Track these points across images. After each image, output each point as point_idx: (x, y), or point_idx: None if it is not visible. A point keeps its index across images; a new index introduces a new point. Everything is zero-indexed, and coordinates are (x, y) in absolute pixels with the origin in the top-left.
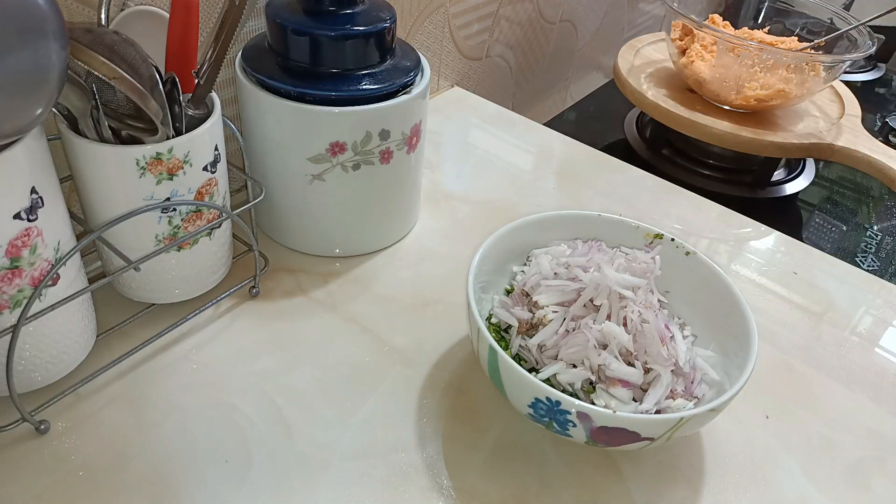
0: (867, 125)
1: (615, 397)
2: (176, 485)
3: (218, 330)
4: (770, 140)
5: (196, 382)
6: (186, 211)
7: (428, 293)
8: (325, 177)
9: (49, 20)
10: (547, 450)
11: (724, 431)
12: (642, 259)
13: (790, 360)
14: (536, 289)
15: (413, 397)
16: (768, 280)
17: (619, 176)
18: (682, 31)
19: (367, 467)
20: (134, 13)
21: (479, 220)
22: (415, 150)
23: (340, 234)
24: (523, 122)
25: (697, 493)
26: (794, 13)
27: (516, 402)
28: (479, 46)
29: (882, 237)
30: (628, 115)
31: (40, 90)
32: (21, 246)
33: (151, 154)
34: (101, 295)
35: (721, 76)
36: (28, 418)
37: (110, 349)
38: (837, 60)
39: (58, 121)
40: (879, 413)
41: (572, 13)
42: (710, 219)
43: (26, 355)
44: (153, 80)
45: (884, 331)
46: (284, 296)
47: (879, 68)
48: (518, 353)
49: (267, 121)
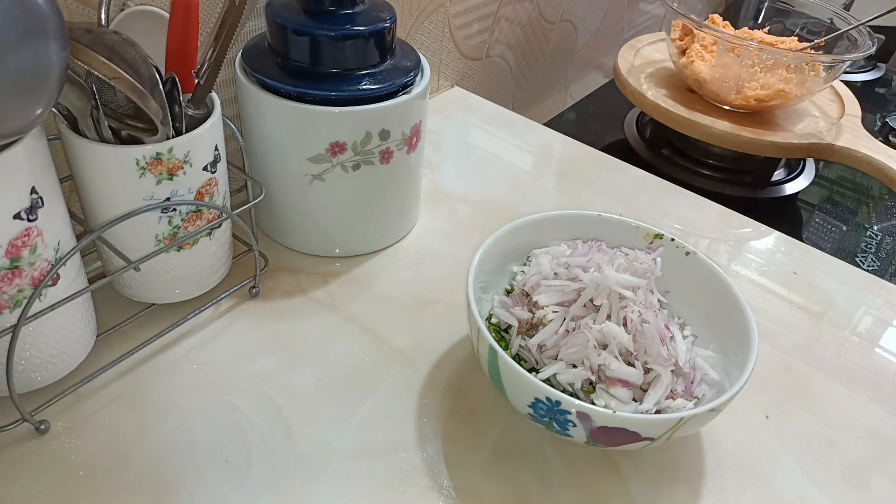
0: (867, 125)
1: (615, 397)
2: (176, 485)
3: (218, 330)
4: (770, 140)
5: (196, 382)
6: (186, 211)
7: (428, 293)
8: (325, 177)
9: (49, 20)
10: (547, 450)
11: (724, 431)
12: (643, 259)
13: (790, 360)
14: (536, 289)
15: (413, 397)
16: (768, 280)
17: (619, 176)
18: (682, 31)
19: (367, 467)
20: (134, 13)
21: (479, 220)
22: (415, 150)
23: (340, 234)
24: (523, 122)
25: (697, 493)
26: (794, 13)
27: (516, 402)
28: (479, 46)
29: (882, 237)
30: (628, 115)
31: (40, 90)
32: (21, 246)
33: (151, 154)
34: (101, 295)
35: (721, 76)
36: (28, 418)
37: (110, 349)
38: (837, 60)
39: (58, 121)
40: (879, 413)
41: (572, 13)
42: (710, 219)
43: (26, 355)
44: (153, 80)
45: (884, 331)
46: (284, 296)
47: (879, 68)
48: (518, 353)
49: (267, 121)
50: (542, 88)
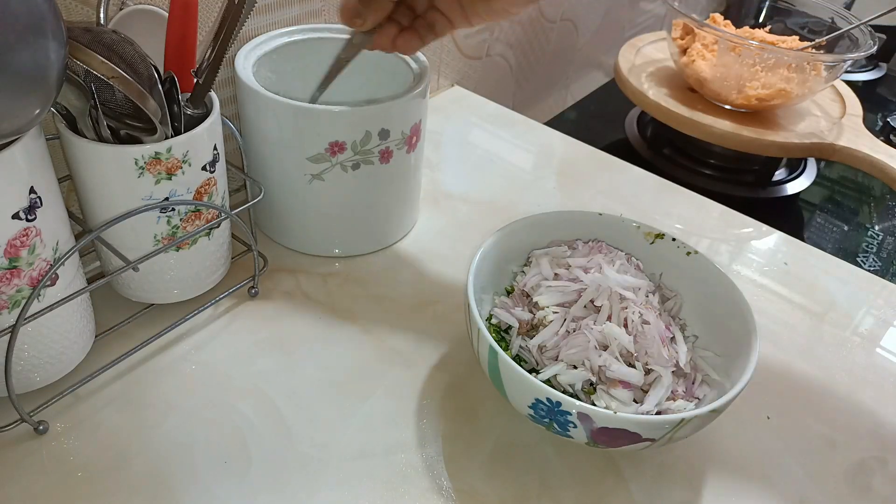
0: (868, 125)
1: (616, 398)
2: (175, 485)
3: (217, 330)
4: (771, 140)
5: (195, 383)
6: (185, 211)
7: (428, 293)
8: (325, 176)
9: (48, 19)
10: (547, 451)
11: (725, 432)
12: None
13: (791, 360)
14: (537, 289)
15: (413, 398)
16: (769, 280)
17: (620, 175)
18: (683, 31)
19: (367, 468)
20: (133, 12)
21: (479, 220)
22: (414, 149)
23: (340, 234)
24: (523, 122)
25: (698, 494)
26: (796, 12)
27: (517, 403)
28: (479, 45)
29: (883, 237)
30: (629, 115)
31: (39, 89)
32: (20, 246)
33: (150, 154)
34: (100, 295)
35: (722, 75)
36: (27, 419)
37: (109, 349)
38: (839, 60)
39: (56, 120)
40: (881, 414)
41: (573, 12)
42: (712, 218)
43: (25, 356)
44: (152, 80)
45: (885, 331)
46: (284, 296)
47: (881, 68)
48: (518, 353)
49: (266, 120)
50: (543, 88)
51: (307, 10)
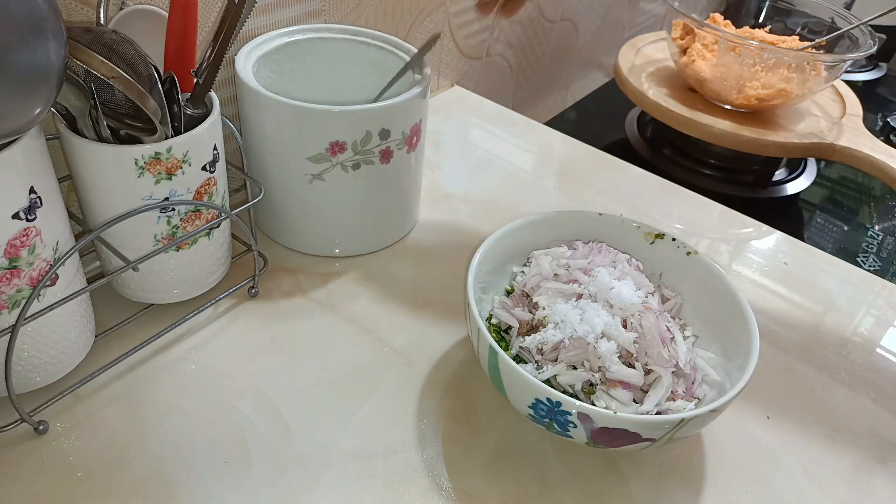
0: (868, 125)
1: (615, 399)
2: (175, 486)
3: (217, 330)
4: (771, 140)
5: (195, 383)
6: (185, 211)
7: (428, 293)
8: (325, 176)
9: (48, 19)
10: (547, 451)
11: (725, 432)
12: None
13: (791, 360)
14: (537, 290)
15: (413, 398)
16: (769, 280)
17: (620, 175)
18: (683, 30)
19: (367, 468)
20: (133, 12)
21: (479, 220)
22: (415, 149)
23: (340, 234)
24: (524, 122)
25: (698, 494)
26: (796, 12)
27: (517, 403)
28: (479, 45)
29: (883, 237)
30: (629, 115)
31: (39, 89)
32: (20, 246)
33: (150, 154)
34: (100, 295)
35: (722, 75)
36: (27, 419)
37: (109, 349)
38: (839, 60)
39: (56, 120)
40: (881, 414)
41: (573, 12)
42: (712, 218)
43: (25, 356)
44: (152, 80)
45: (885, 331)
46: (284, 296)
47: (881, 68)
48: (518, 353)
49: (266, 120)
50: (543, 87)
51: (307, 10)
